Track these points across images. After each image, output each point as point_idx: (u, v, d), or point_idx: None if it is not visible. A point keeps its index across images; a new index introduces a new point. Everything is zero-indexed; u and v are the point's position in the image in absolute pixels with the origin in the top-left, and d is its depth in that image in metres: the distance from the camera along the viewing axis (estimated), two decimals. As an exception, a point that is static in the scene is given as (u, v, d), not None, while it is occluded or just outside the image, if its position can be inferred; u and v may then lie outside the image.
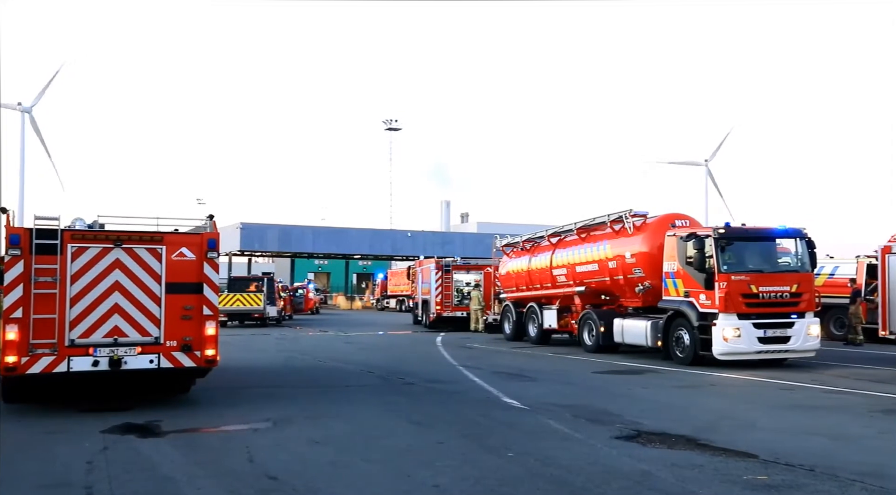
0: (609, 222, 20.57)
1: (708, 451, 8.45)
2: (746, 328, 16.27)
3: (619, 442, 9.00)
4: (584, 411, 11.14)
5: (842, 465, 7.72)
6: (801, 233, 17.26)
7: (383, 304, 60.53)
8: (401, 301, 54.25)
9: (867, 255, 24.11)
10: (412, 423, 10.46)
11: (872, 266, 22.23)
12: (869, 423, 10.34)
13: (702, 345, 16.69)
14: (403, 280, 48.44)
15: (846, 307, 24.04)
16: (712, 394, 13.38)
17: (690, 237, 17.03)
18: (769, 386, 13.94)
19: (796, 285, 16.70)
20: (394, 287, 57.51)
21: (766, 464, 7.82)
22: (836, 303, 24.17)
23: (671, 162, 52.35)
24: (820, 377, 15.11)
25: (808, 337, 16.69)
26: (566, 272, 22.48)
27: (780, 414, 11.15)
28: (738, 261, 16.71)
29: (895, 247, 18.27)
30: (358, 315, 53.73)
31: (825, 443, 8.96)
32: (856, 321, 23.78)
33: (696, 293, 16.99)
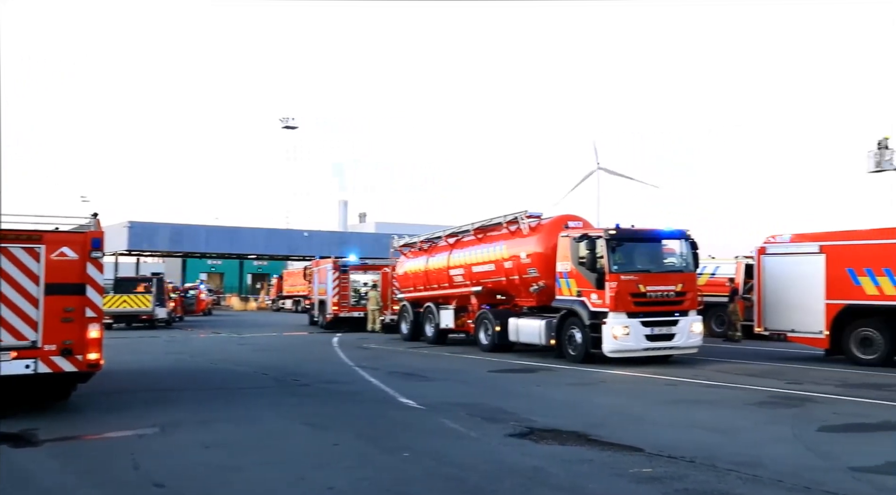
0: (505, 223, 20.91)
1: (597, 446, 8.72)
2: (635, 326, 16.88)
3: (512, 439, 9.16)
4: (479, 409, 11.28)
5: (720, 456, 8.12)
6: (685, 234, 18.05)
7: (279, 305, 59.46)
8: (297, 301, 53.45)
9: (745, 256, 25.49)
10: (307, 425, 10.31)
11: (750, 266, 23.54)
12: (745, 415, 10.92)
13: (593, 343, 17.20)
14: (300, 280, 47.74)
15: (726, 305, 25.34)
16: (602, 391, 13.82)
17: (583, 238, 17.52)
18: (655, 382, 14.51)
19: (681, 285, 17.46)
20: (290, 287, 56.59)
21: (651, 457, 8.14)
22: (716, 302, 25.45)
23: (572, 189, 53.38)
24: (701, 372, 15.85)
25: (691, 334, 17.48)
26: (463, 272, 22.71)
27: (665, 408, 11.62)
28: (628, 262, 17.31)
29: (769, 248, 19.37)
30: (253, 316, 52.57)
31: (705, 436, 9.41)
32: (734, 318, 25.10)
33: (587, 292, 17.49)
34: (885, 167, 35.15)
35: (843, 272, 17.50)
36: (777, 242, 19.27)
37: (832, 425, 10.00)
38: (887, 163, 35.14)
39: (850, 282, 17.38)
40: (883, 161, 35.22)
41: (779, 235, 19.42)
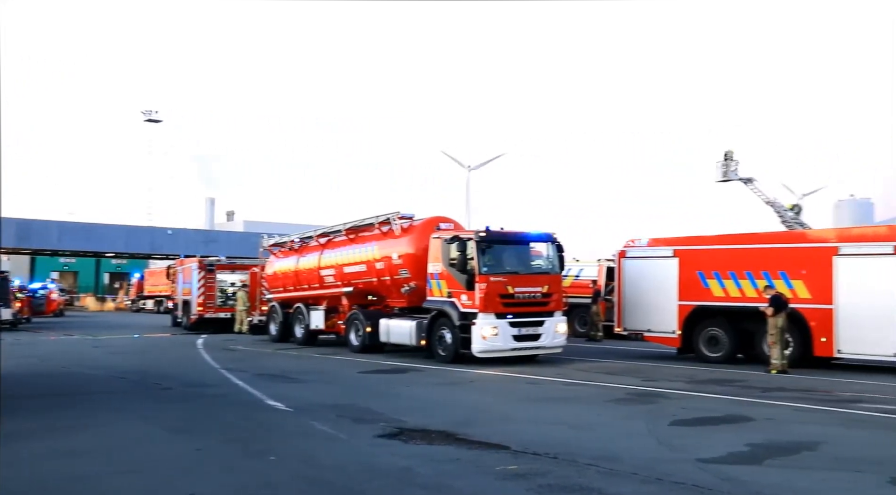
0: (377, 224, 20.91)
1: (465, 445, 8.89)
2: (503, 327, 17.30)
3: (381, 440, 9.18)
4: (349, 411, 11.23)
5: (581, 451, 8.47)
6: (551, 237, 18.69)
7: (139, 306, 56.77)
8: (159, 302, 51.25)
9: (607, 259, 26.69)
10: (168, 430, 9.92)
11: (611, 269, 24.67)
12: (604, 412, 11.45)
13: (462, 343, 17.49)
14: (163, 280, 45.80)
15: (589, 306, 26.43)
16: (471, 390, 14.08)
17: (454, 240, 17.79)
18: (521, 381, 14.94)
19: (547, 286, 18.06)
20: (151, 287, 54.17)
21: (517, 454, 8.39)
22: (580, 303, 26.51)
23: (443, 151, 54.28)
24: (565, 371, 16.46)
25: (556, 334, 18.11)
26: (334, 273, 22.51)
27: (530, 406, 12.00)
28: (497, 264, 17.72)
29: (629, 251, 20.38)
30: (110, 316, 49.92)
31: (567, 432, 9.79)
32: (596, 319, 26.22)
33: (458, 293, 17.77)
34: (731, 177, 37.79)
35: (694, 275, 18.68)
36: (636, 246, 20.30)
37: (682, 419, 10.65)
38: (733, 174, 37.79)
39: (700, 284, 18.57)
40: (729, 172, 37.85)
41: (637, 240, 20.45)
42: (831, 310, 16.53)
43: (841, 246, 16.81)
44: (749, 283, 17.77)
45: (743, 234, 19.65)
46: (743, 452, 8.51)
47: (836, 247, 16.85)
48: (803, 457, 8.38)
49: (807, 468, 7.96)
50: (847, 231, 21.00)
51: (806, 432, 9.74)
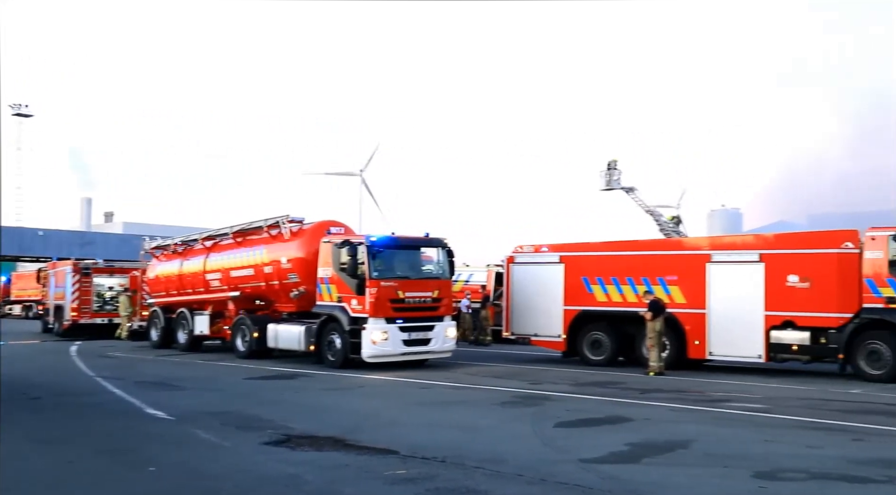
0: (266, 227, 20.49)
1: (354, 450, 8.82)
2: (393, 331, 17.30)
3: (268, 447, 8.99)
4: (234, 418, 10.94)
5: (468, 454, 8.58)
6: (442, 242, 18.85)
7: (5, 311, 53.28)
8: (28, 307, 48.34)
9: (496, 264, 27.15)
10: (38, 442, 9.35)
11: (500, 274, 25.11)
12: (491, 415, 11.64)
13: (352, 348, 17.37)
14: (32, 283, 43.24)
15: (478, 311, 26.80)
16: (360, 395, 14.00)
17: (344, 244, 17.66)
18: (410, 386, 14.98)
19: (437, 291, 18.20)
20: (19, 291, 51.02)
21: (405, 459, 8.40)
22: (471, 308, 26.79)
23: (328, 173, 53.46)
24: (453, 375, 16.63)
25: (446, 339, 18.27)
26: (221, 277, 21.89)
27: (419, 410, 12.05)
28: (388, 268, 17.71)
29: (517, 257, 20.81)
30: (-28, 323, 46.58)
31: (456, 435, 9.89)
32: (485, 323, 26.63)
33: (348, 298, 17.64)
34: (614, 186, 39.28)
35: (579, 280, 19.28)
36: (523, 252, 20.75)
37: (566, 421, 10.96)
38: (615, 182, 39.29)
39: (584, 289, 19.18)
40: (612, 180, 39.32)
41: (525, 245, 20.92)
42: (704, 314, 17.43)
43: (713, 253, 17.77)
44: (630, 289, 18.49)
45: (624, 242, 20.44)
46: (623, 452, 8.84)
47: (708, 254, 17.80)
48: (678, 455, 8.79)
49: (681, 465, 8.35)
50: (719, 239, 22.18)
51: (681, 431, 10.22)
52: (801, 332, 16.35)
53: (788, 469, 8.01)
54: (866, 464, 8.20)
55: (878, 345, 15.64)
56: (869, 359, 15.72)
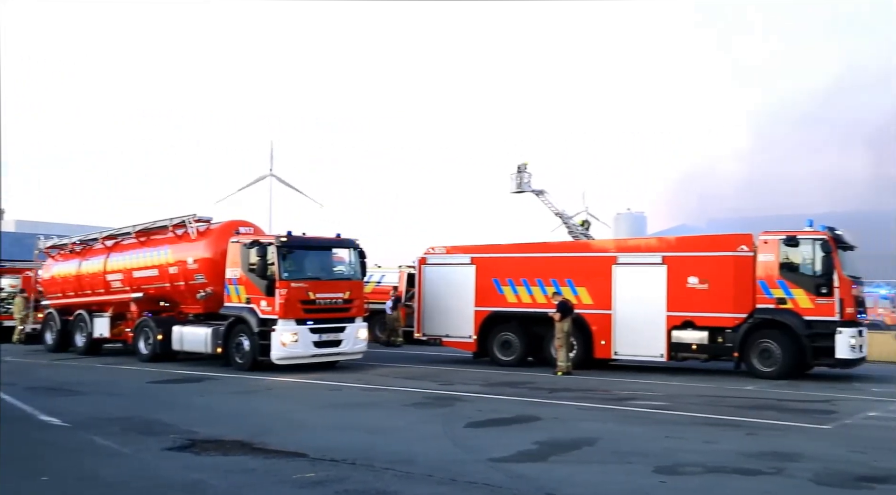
0: (171, 226, 19.88)
1: (261, 454, 8.66)
2: (304, 333, 17.08)
3: (171, 453, 8.73)
4: (135, 423, 10.57)
5: (378, 456, 8.56)
6: (354, 243, 18.74)
7: None
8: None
9: (408, 265, 27.15)
10: (-82, 454, 8.79)
11: (412, 275, 25.13)
12: (402, 416, 11.64)
13: (261, 350, 17.05)
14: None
15: (390, 312, 26.73)
16: (269, 398, 13.76)
17: (254, 244, 17.32)
18: (320, 388, 14.82)
19: (349, 292, 18.07)
20: None
21: (314, 462, 8.30)
22: (381, 309, 26.75)
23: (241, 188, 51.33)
24: (364, 376, 16.55)
25: (357, 340, 18.16)
26: (122, 277, 21.09)
27: (329, 413, 11.94)
28: (298, 269, 17.48)
29: (429, 258, 20.89)
30: None
31: (366, 437, 9.84)
32: (396, 324, 26.59)
33: (257, 299, 17.31)
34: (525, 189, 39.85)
35: (490, 282, 19.51)
36: (435, 253, 20.85)
37: (476, 421, 11.07)
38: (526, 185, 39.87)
39: (495, 290, 19.43)
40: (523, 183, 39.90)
41: (437, 247, 21.03)
42: (610, 315, 17.93)
43: (619, 255, 18.32)
44: (539, 290, 18.84)
45: (534, 244, 20.83)
46: (531, 450, 9.00)
47: (614, 256, 18.34)
48: (584, 453, 9.02)
49: (587, 462, 8.58)
50: (624, 242, 22.88)
51: (587, 429, 10.48)
52: (700, 332, 17.04)
53: (687, 463, 8.33)
54: (757, 457, 8.61)
55: (769, 344, 16.47)
56: (761, 357, 16.53)
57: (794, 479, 7.68)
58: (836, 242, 16.49)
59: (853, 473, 7.94)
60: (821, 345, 16.07)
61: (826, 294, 16.10)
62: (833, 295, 16.06)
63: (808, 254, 16.47)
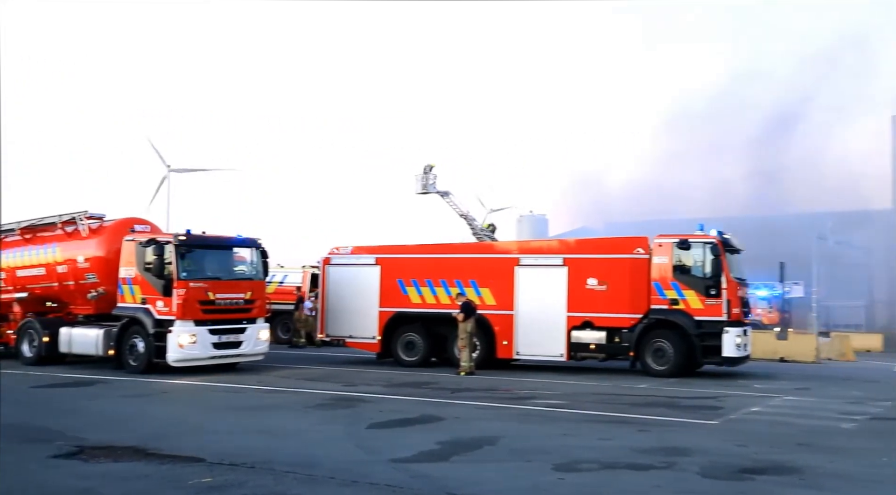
0: (60, 223, 18.94)
1: (156, 460, 8.39)
2: (202, 334, 16.62)
3: (59, 460, 8.34)
4: (18, 431, 10.03)
5: (279, 459, 8.43)
6: (256, 242, 18.36)
7: None
8: None
9: (312, 265, 26.84)
10: None
11: (316, 275, 24.85)
12: (303, 418, 11.51)
13: (157, 352, 16.49)
14: None
15: (292, 312, 26.38)
16: (164, 402, 13.33)
17: (150, 243, 16.74)
18: (220, 390, 14.47)
19: (250, 292, 17.70)
20: None
21: (212, 466, 8.10)
22: (283, 309, 26.37)
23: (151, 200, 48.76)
24: (266, 378, 16.26)
25: (258, 341, 17.80)
26: (5, 276, 19.92)
27: (228, 416, 11.67)
28: (198, 269, 16.99)
29: (333, 258, 20.70)
30: None
31: (266, 440, 9.67)
32: (299, 325, 26.26)
33: (153, 300, 16.73)
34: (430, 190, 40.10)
35: (394, 282, 19.53)
36: (340, 253, 20.69)
37: (379, 422, 11.06)
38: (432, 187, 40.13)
39: (400, 291, 19.46)
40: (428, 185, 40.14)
41: (342, 247, 20.87)
42: (512, 315, 18.27)
43: (521, 257, 18.68)
44: (444, 291, 18.99)
45: (439, 245, 20.97)
46: (433, 450, 9.07)
47: (517, 258, 18.69)
48: (485, 452, 9.15)
49: (488, 461, 8.71)
50: (527, 244, 23.35)
51: (488, 428, 10.64)
52: (598, 332, 17.59)
53: (583, 460, 8.58)
54: (649, 453, 8.96)
55: (662, 343, 17.16)
56: (655, 356, 17.21)
57: (683, 473, 8.04)
58: (724, 246, 17.33)
59: (737, 466, 8.38)
60: (709, 344, 16.87)
61: (715, 295, 16.91)
62: (721, 296, 16.89)
63: (698, 256, 17.26)
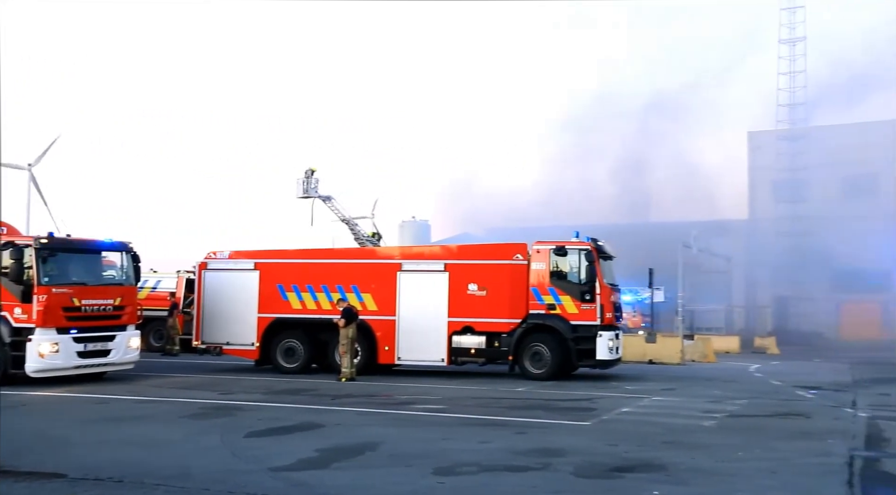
0: None
1: (11, 477, 7.85)
2: (66, 342, 15.71)
3: None
4: None
5: (150, 471, 8.08)
6: (126, 246, 17.54)
7: None
8: None
9: (187, 270, 25.92)
10: None
11: (191, 281, 24.01)
12: (177, 428, 11.08)
13: (14, 362, 15.43)
14: None
15: (166, 319, 25.37)
16: (22, 415, 12.49)
17: (7, 246, 15.68)
18: (86, 401, 13.72)
19: (120, 298, 16.88)
20: None
21: (75, 482, 7.68)
22: (156, 316, 25.30)
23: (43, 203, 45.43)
24: (137, 388, 15.56)
25: (128, 349, 17.00)
26: None
27: (94, 428, 11.08)
28: (61, 274, 16.08)
29: (210, 263, 20.06)
30: None
31: (136, 453, 9.25)
32: (173, 332, 25.29)
33: (10, 306, 15.65)
34: (312, 194, 39.68)
35: (274, 288, 19.15)
36: (217, 258, 20.08)
37: (257, 430, 10.81)
38: (313, 191, 39.73)
39: (280, 297, 19.10)
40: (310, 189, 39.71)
41: (220, 252, 20.27)
42: (394, 321, 18.30)
43: (403, 262, 18.76)
44: (325, 296, 18.79)
45: (320, 250, 20.77)
46: (313, 457, 8.95)
47: (399, 263, 18.75)
48: (366, 458, 9.12)
49: (368, 467, 8.68)
50: (409, 249, 23.49)
51: (369, 434, 10.61)
52: (479, 337, 17.90)
53: (464, 463, 8.70)
54: (526, 454, 9.20)
55: (540, 347, 17.66)
56: (533, 360, 17.69)
57: (558, 473, 8.30)
58: (598, 252, 18.04)
59: (608, 465, 8.73)
60: (584, 348, 17.50)
61: (589, 300, 17.56)
62: (595, 301, 17.55)
63: (574, 263, 17.88)
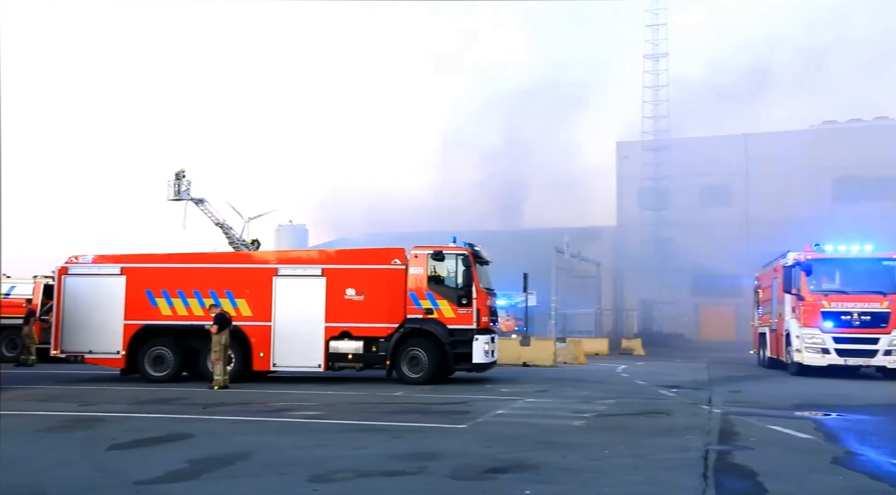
0: None
1: None
2: None
3: None
4: None
5: (2, 491, 7.56)
6: (-24, 250, 16.39)
7: None
8: None
9: (45, 276, 24.46)
10: None
11: (50, 286, 22.65)
12: (31, 443, 10.40)
13: None
14: None
15: (21, 328, 23.82)
16: None
17: None
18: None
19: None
20: None
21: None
22: (10, 324, 23.79)
23: None
24: (-13, 401, 14.50)
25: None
26: None
27: (-62, 446, 10.24)
28: None
29: (72, 268, 19.00)
30: None
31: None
32: (29, 341, 23.78)
33: None
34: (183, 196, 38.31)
35: (142, 293, 18.37)
36: (80, 263, 19.07)
37: (121, 442, 10.31)
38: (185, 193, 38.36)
39: (148, 303, 18.34)
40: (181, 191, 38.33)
41: (82, 256, 19.25)
42: (270, 326, 17.95)
43: (280, 267, 18.44)
44: (197, 302, 18.20)
45: (192, 254, 20.11)
46: (183, 469, 8.63)
47: (276, 268, 18.41)
48: (238, 467, 8.88)
49: (240, 477, 8.46)
50: (285, 254, 23.12)
51: (242, 443, 10.33)
52: (356, 342, 17.84)
53: (339, 470, 8.63)
54: (402, 459, 9.24)
55: (417, 352, 17.80)
56: (410, 364, 17.80)
57: (434, 476, 8.38)
58: (475, 257, 18.38)
59: (483, 466, 8.89)
60: (461, 351, 17.78)
61: (466, 304, 17.86)
62: (472, 305, 17.87)
63: (451, 267, 18.14)
